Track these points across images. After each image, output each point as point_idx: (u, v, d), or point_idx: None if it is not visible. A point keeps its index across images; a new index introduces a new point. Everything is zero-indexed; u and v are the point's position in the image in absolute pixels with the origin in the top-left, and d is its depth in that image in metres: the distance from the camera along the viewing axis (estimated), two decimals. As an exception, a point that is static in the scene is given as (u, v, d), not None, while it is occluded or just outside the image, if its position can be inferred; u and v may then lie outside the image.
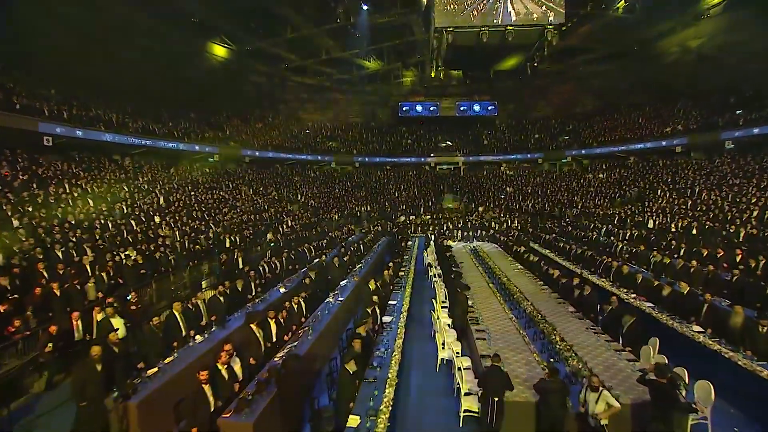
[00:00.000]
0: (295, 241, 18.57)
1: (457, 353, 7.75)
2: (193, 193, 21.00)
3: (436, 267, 15.42)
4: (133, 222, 14.52)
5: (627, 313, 7.96)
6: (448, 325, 9.28)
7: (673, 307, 8.66)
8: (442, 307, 10.49)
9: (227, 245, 15.63)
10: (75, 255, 10.67)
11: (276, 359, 6.73)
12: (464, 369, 6.88)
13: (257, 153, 29.21)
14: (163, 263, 12.06)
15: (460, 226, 24.40)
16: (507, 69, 32.20)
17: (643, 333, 7.58)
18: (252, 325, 7.28)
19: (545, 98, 36.51)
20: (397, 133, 38.49)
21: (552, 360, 7.46)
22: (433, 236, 21.56)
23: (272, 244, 18.50)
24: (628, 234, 17.07)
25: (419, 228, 25.06)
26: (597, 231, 19.10)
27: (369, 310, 8.66)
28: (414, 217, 27.70)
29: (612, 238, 17.26)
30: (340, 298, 10.51)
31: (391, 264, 12.37)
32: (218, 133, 27.58)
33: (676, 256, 12.54)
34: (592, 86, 32.94)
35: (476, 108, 37.07)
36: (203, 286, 13.13)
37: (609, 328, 8.16)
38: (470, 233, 22.41)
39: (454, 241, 21.17)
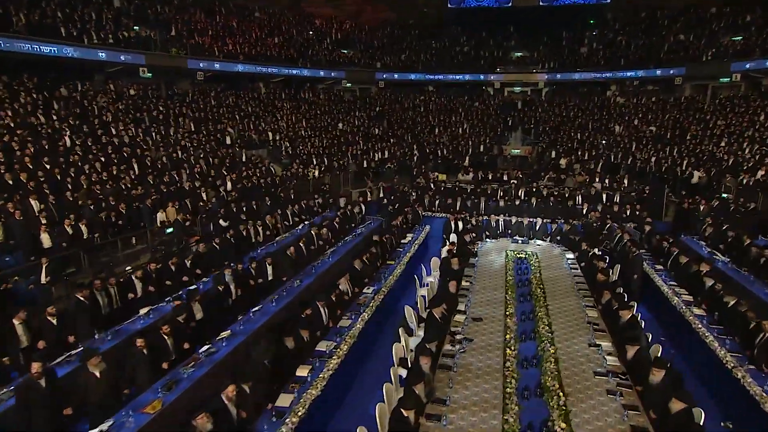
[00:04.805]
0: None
1: None
2: (67, 132, 14.13)
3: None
4: None
5: None
6: None
7: None
8: None
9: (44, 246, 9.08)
10: None
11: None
12: None
13: (217, 65, 21.37)
14: None
15: (521, 199, 14.88)
16: None
17: None
18: None
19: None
20: (445, 35, 30.55)
21: None
22: (457, 223, 12.71)
23: (170, 231, 11.84)
24: None
25: (438, 201, 15.17)
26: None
27: None
28: (445, 174, 18.78)
29: None
30: None
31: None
32: (152, 32, 19.95)
33: None
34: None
35: (575, -9, 25.74)
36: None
37: None
38: (527, 223, 12.65)
39: (496, 239, 12.24)
